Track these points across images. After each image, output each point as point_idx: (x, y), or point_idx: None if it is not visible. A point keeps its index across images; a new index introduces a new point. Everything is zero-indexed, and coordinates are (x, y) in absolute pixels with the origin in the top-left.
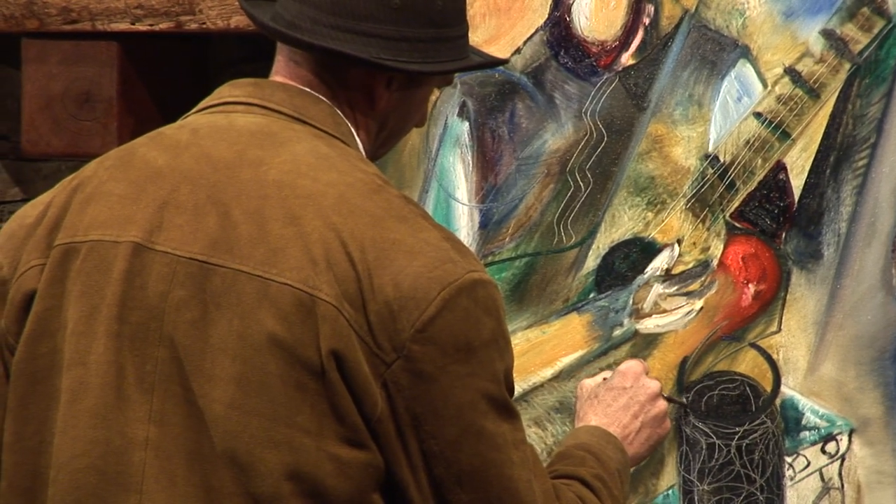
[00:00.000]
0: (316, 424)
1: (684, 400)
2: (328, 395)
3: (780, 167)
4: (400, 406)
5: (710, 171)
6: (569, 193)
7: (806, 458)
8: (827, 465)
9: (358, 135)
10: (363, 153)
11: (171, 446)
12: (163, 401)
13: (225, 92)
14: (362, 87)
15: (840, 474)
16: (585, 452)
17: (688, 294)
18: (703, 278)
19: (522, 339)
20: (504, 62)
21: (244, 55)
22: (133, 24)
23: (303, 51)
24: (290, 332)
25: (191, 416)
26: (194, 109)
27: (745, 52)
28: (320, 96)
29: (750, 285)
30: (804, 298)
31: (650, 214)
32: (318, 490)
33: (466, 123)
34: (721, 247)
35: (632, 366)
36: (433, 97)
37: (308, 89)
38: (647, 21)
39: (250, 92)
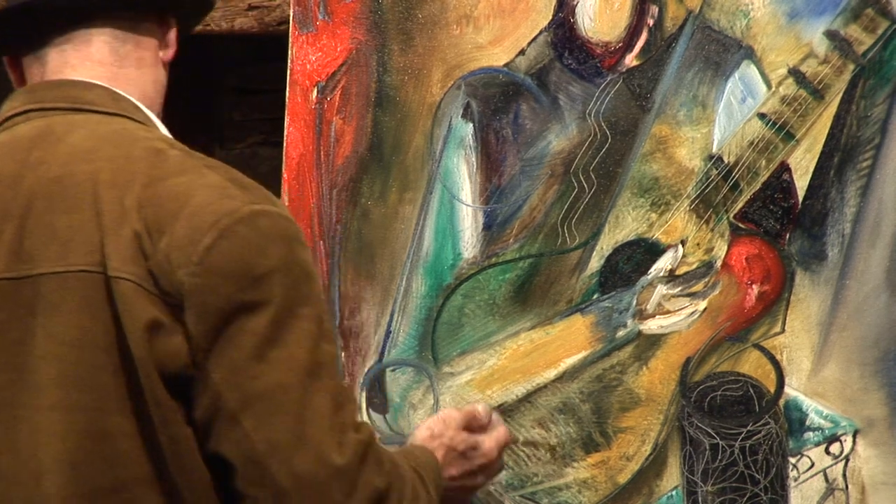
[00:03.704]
0: (141, 406)
1: None
2: (143, 371)
3: (784, 168)
4: (194, 347)
5: (714, 171)
6: (573, 194)
7: (810, 458)
8: (831, 465)
9: (149, 101)
10: (155, 119)
11: (22, 473)
12: (6, 429)
13: (5, 108)
14: (156, 39)
15: (844, 475)
16: (407, 456)
17: (691, 295)
18: (706, 279)
19: (526, 340)
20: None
21: (247, 57)
22: None
23: (91, 22)
24: (94, 317)
25: (33, 434)
26: None
27: (750, 53)
28: (93, 81)
29: (754, 286)
30: (808, 299)
31: (654, 215)
32: (158, 473)
33: (471, 125)
34: (725, 247)
35: (490, 454)
36: (436, 98)
37: (81, 78)
38: (651, 22)
39: (25, 100)
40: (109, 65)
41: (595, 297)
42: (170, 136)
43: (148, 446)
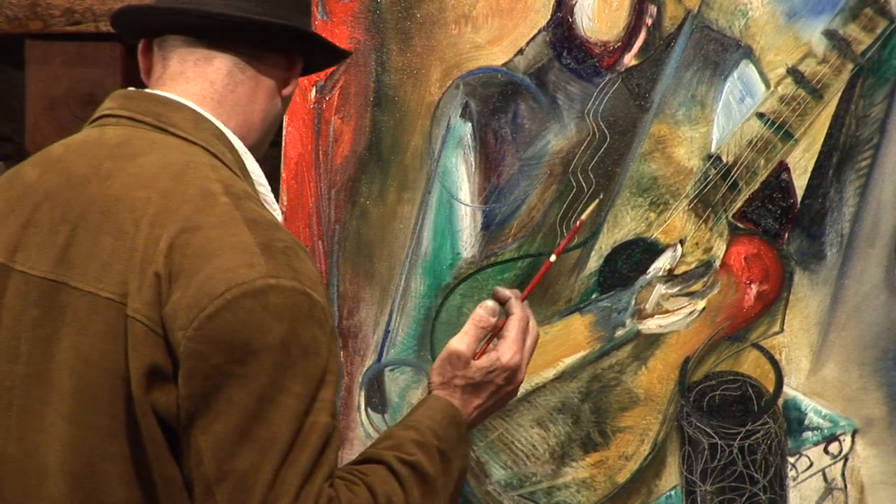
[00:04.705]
0: (139, 439)
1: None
2: (140, 409)
3: (782, 168)
4: (181, 406)
5: (713, 171)
6: (571, 194)
7: (809, 458)
8: (830, 465)
9: (239, 131)
10: (240, 149)
11: (26, 462)
12: (20, 417)
13: (105, 104)
14: (280, 73)
15: (843, 475)
16: (409, 431)
17: (690, 294)
18: (705, 279)
19: None
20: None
21: None
22: None
23: (216, 47)
24: (114, 344)
25: (42, 432)
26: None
27: (748, 53)
28: (185, 102)
29: (753, 286)
30: (807, 299)
31: (653, 215)
32: (153, 499)
33: (469, 124)
34: (724, 247)
35: (511, 363)
36: (434, 98)
37: (173, 97)
38: (649, 21)
39: (122, 104)
40: (222, 87)
41: (594, 296)
42: (256, 168)
43: (143, 477)
